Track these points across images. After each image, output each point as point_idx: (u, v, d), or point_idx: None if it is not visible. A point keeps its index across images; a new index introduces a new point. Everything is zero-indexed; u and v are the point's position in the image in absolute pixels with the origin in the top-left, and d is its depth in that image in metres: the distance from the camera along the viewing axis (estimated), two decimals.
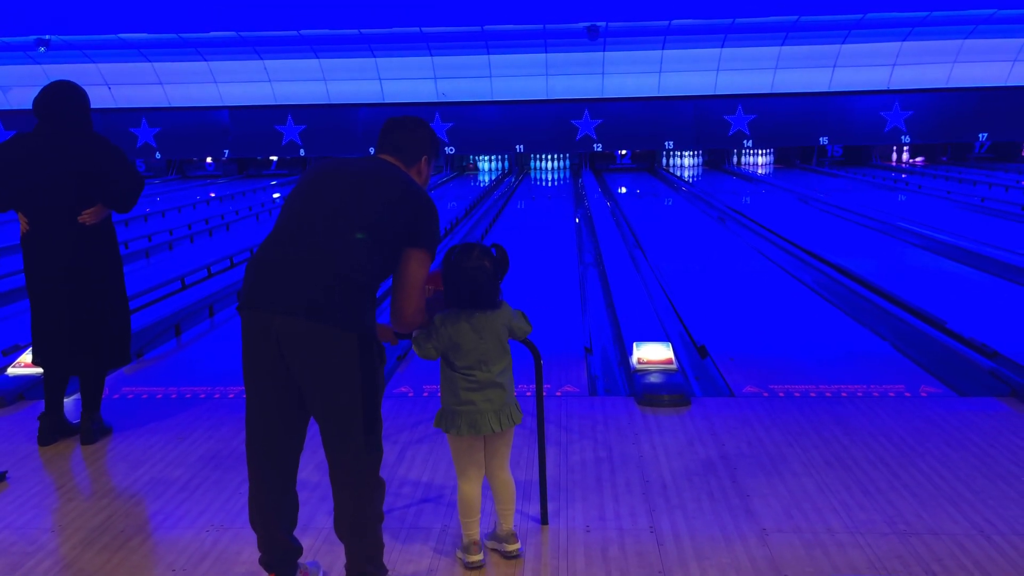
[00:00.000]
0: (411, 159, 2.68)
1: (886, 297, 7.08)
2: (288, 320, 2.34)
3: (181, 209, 15.43)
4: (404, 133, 2.68)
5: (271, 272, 2.40)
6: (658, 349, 5.02)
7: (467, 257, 2.70)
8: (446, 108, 20.71)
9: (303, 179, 2.58)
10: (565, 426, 4.17)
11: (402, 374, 5.20)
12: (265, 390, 2.44)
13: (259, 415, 2.48)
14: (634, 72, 19.89)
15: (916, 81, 19.74)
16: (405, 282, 2.51)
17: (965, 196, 14.60)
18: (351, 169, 2.56)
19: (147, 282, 8.03)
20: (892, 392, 4.67)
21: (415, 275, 2.52)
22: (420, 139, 2.70)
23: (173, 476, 3.64)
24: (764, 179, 19.82)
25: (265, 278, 2.40)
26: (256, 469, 2.51)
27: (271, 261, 2.41)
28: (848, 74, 19.66)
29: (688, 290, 7.82)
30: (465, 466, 2.83)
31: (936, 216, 12.23)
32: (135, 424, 4.28)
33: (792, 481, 3.45)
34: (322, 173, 2.56)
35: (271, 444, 2.49)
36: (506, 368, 2.79)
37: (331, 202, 2.46)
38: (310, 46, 18.96)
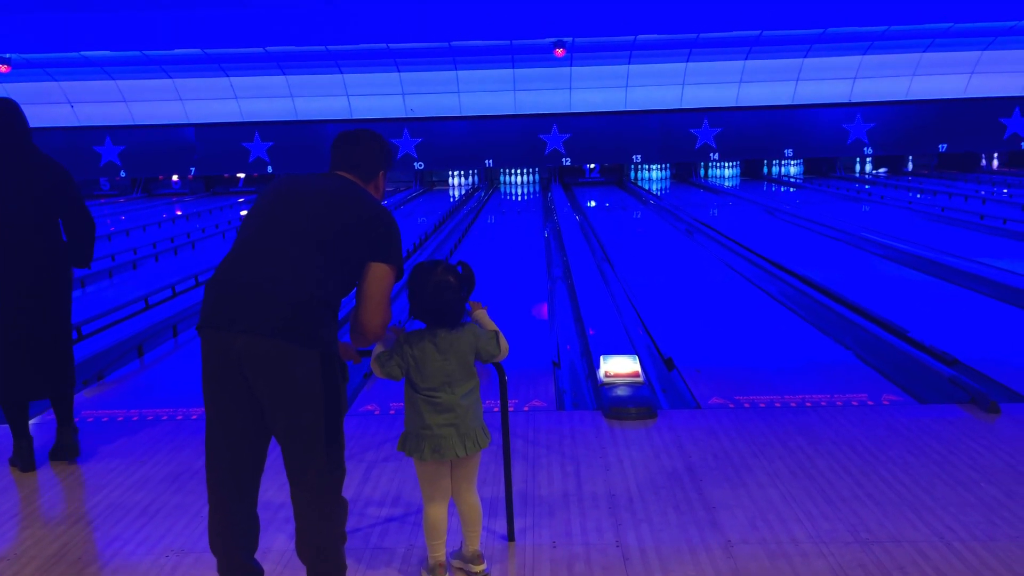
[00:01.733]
0: (368, 175, 2.67)
1: (849, 307, 7.17)
2: (249, 339, 2.32)
3: (146, 228, 15.24)
4: (359, 149, 2.67)
5: (231, 291, 2.37)
6: (625, 362, 5.03)
7: (431, 273, 2.69)
8: (415, 124, 20.71)
9: (261, 197, 2.56)
10: (533, 441, 4.16)
11: (368, 392, 5.17)
12: (226, 410, 2.41)
13: (220, 436, 2.44)
14: (601, 87, 20.05)
15: (877, 94, 20.12)
16: (367, 293, 2.50)
17: (926, 206, 14.87)
18: (309, 187, 2.55)
19: (110, 302, 7.91)
20: (855, 401, 4.72)
21: (377, 287, 2.50)
22: (375, 154, 2.69)
23: (133, 500, 3.57)
24: (731, 191, 20.03)
25: (225, 297, 2.38)
26: (216, 491, 2.47)
27: (231, 280, 2.39)
28: (811, 87, 19.98)
29: (656, 303, 7.86)
30: (430, 489, 2.80)
31: (898, 226, 12.44)
32: (95, 448, 4.20)
33: (757, 492, 3.47)
34: (280, 191, 2.54)
35: (232, 465, 2.45)
36: (472, 390, 2.75)
37: (290, 220, 2.44)
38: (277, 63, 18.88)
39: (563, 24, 17.30)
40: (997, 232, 11.51)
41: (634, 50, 18.58)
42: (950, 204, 14.80)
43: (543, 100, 20.34)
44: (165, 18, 16.51)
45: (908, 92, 20.06)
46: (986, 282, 7.87)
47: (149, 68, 18.88)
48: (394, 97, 20.16)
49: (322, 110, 20.21)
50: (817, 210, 14.85)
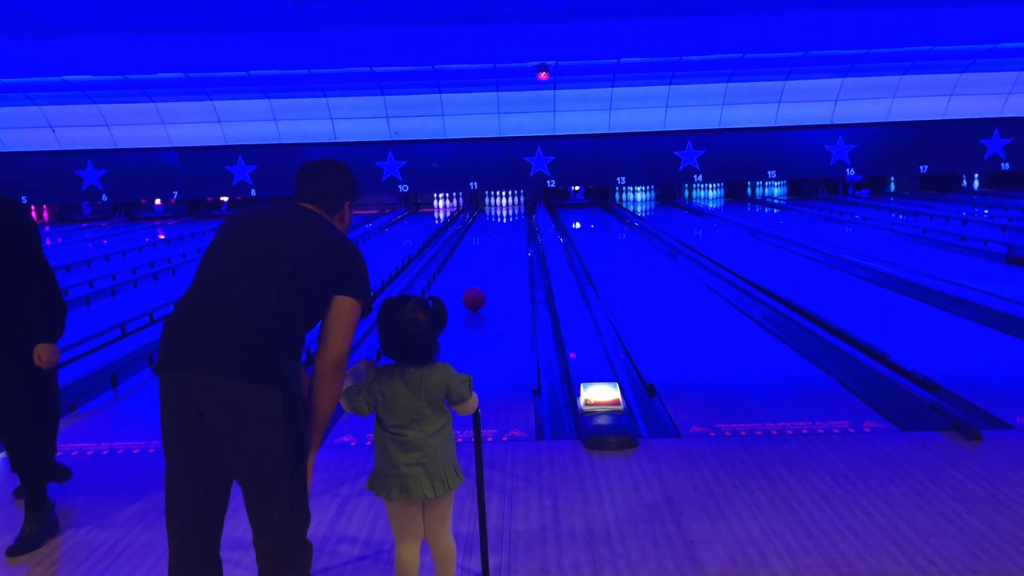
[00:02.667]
0: (333, 207, 2.63)
1: (831, 330, 7.16)
2: (208, 380, 2.26)
3: (127, 253, 15.12)
4: (324, 180, 2.63)
5: (189, 330, 2.32)
6: (605, 390, 4.99)
7: (401, 310, 2.63)
8: (399, 147, 20.72)
9: (221, 232, 2.51)
10: (511, 472, 4.10)
11: (345, 422, 5.09)
12: (185, 454, 2.35)
13: (179, 480, 2.38)
14: (585, 109, 20.14)
15: (858, 116, 20.31)
16: (330, 325, 2.44)
17: (908, 227, 14.96)
18: (271, 220, 2.50)
19: (86, 331, 7.79)
20: (837, 428, 4.69)
21: (342, 319, 2.45)
22: (341, 185, 2.65)
23: (100, 539, 3.48)
24: (715, 213, 20.11)
25: (183, 337, 2.32)
26: (176, 536, 2.40)
27: (189, 319, 2.33)
28: (793, 109, 20.15)
29: (638, 327, 7.83)
30: (401, 531, 2.73)
31: (880, 247, 12.49)
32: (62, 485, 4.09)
33: (737, 524, 3.42)
34: (240, 225, 2.49)
35: (192, 510, 2.39)
36: (442, 428, 2.68)
37: (251, 255, 2.39)
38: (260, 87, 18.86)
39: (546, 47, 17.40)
40: (977, 253, 11.57)
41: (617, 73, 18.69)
42: (932, 225, 14.90)
43: (527, 123, 20.41)
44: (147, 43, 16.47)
45: (889, 114, 20.27)
46: (967, 304, 7.89)
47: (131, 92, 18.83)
48: (378, 120, 20.18)
49: (306, 133, 20.20)
50: (800, 231, 14.91)
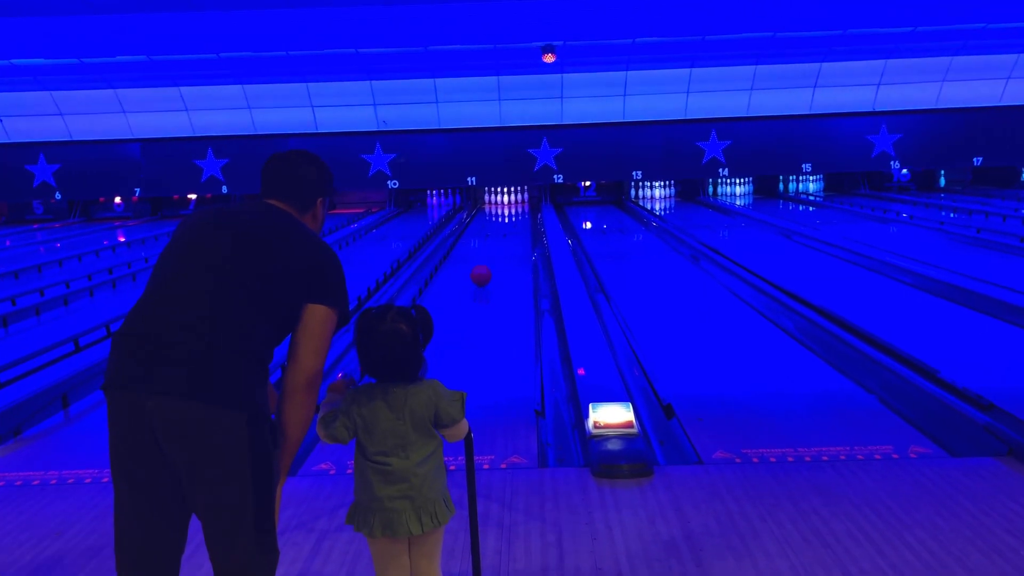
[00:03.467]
0: (304, 204, 2.62)
1: (873, 343, 7.13)
2: (162, 400, 2.25)
3: (82, 257, 15.14)
4: (294, 174, 2.62)
5: (141, 345, 2.30)
6: (617, 411, 4.97)
7: (380, 321, 2.61)
8: (388, 138, 20.76)
9: (177, 233, 2.50)
10: (510, 504, 4.09)
11: (322, 447, 5.07)
12: (137, 483, 2.33)
13: (130, 513, 2.36)
14: (596, 96, 20.17)
15: (903, 102, 20.31)
16: (302, 336, 2.43)
17: (959, 227, 14.94)
18: (234, 220, 2.49)
19: (34, 344, 7.77)
20: (878, 454, 4.66)
21: (316, 329, 2.43)
22: (313, 180, 2.64)
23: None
24: (742, 211, 20.11)
25: (134, 352, 2.31)
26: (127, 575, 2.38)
27: (140, 333, 2.32)
28: (830, 95, 20.15)
29: (655, 340, 7.81)
30: (385, 570, 2.71)
31: (929, 249, 12.47)
32: (3, 518, 4.09)
33: (765, 564, 3.40)
34: (199, 225, 2.48)
35: (145, 548, 2.37)
36: (431, 456, 2.65)
37: (210, 260, 2.38)
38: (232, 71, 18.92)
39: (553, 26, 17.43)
40: None
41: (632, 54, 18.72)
42: (986, 224, 14.87)
43: (532, 111, 20.44)
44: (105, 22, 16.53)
45: (938, 100, 20.27)
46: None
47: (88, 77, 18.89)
48: (365, 108, 20.23)
49: (284, 123, 20.25)
50: (838, 232, 14.90)
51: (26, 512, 4.16)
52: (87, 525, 3.99)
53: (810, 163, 21.08)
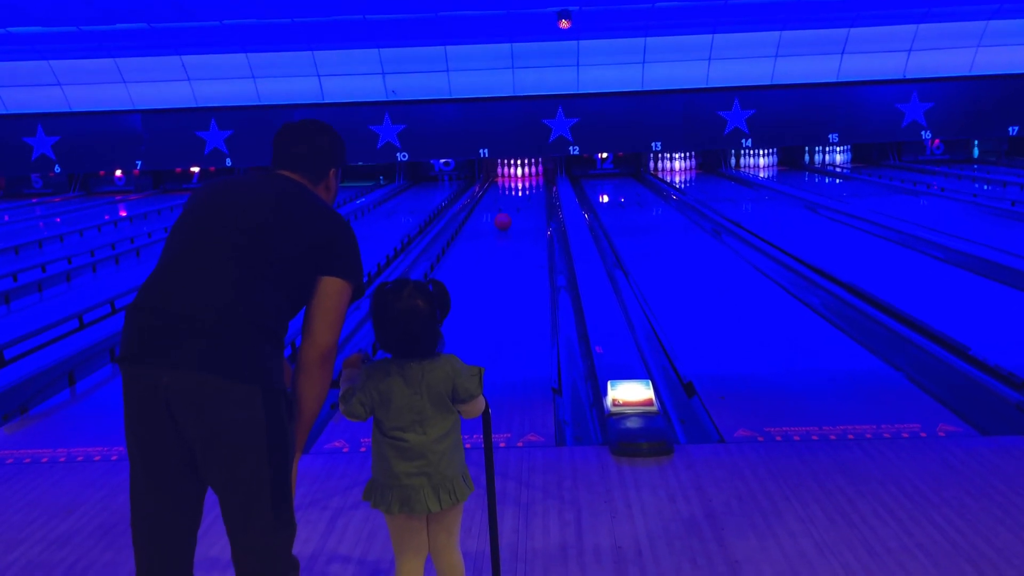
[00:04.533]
0: (317, 174, 2.66)
1: (902, 320, 7.17)
2: (177, 374, 2.30)
3: (84, 232, 15.28)
4: (306, 144, 2.65)
5: (155, 318, 2.36)
6: (637, 389, 5.02)
7: (397, 296, 2.65)
8: (397, 108, 20.75)
9: (189, 205, 2.55)
10: (527, 483, 4.15)
11: (336, 425, 5.16)
12: (152, 457, 2.40)
13: (145, 488, 2.43)
14: (614, 63, 20.07)
15: (936, 68, 20.12)
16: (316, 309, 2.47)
17: (994, 199, 14.87)
18: (247, 190, 2.53)
19: (38, 321, 7.90)
20: (906, 432, 4.70)
21: (330, 302, 2.48)
22: (326, 150, 2.68)
23: (56, 558, 3.56)
24: (766, 184, 20.06)
25: (149, 326, 2.36)
26: (144, 554, 2.46)
27: (155, 305, 2.37)
28: (859, 61, 19.99)
29: (675, 316, 7.86)
30: (403, 547, 2.77)
31: (961, 223, 12.43)
32: (13, 495, 4.18)
33: (788, 543, 3.45)
34: (211, 197, 2.53)
35: (160, 522, 2.44)
36: (450, 431, 2.70)
37: (224, 232, 2.42)
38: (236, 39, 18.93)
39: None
40: None
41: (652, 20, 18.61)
42: (1022, 197, 14.79)
43: (546, 79, 20.37)
44: None
45: (972, 66, 20.07)
46: None
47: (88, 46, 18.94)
48: (373, 77, 20.21)
49: (289, 93, 20.26)
50: (867, 205, 14.86)
51: (36, 489, 4.26)
52: (98, 503, 4.08)
53: (837, 133, 20.95)
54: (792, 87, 20.43)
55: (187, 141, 21.08)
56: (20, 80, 20.04)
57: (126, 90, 20.38)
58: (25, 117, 20.81)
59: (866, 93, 20.59)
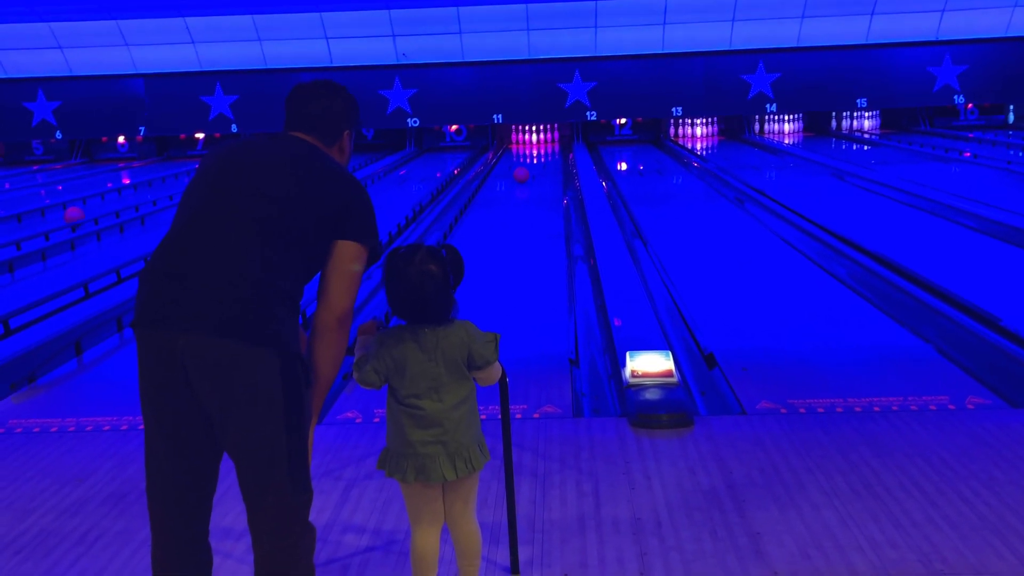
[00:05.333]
0: (331, 136, 2.69)
1: (931, 291, 7.18)
2: (192, 338, 2.35)
3: (87, 200, 15.37)
4: (320, 105, 2.68)
5: (170, 282, 2.40)
6: (656, 359, 5.06)
7: (410, 261, 2.69)
8: (408, 72, 20.71)
9: (202, 167, 2.58)
10: (544, 454, 4.20)
11: (348, 396, 5.22)
12: (167, 421, 2.45)
13: (161, 453, 2.48)
14: (633, 24, 19.94)
15: (970, 30, 19.91)
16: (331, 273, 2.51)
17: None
18: (261, 153, 2.57)
19: (43, 290, 8.00)
20: (933, 404, 4.73)
21: (345, 267, 2.52)
22: (339, 111, 2.70)
23: (68, 527, 3.64)
24: (791, 150, 19.96)
25: (164, 289, 2.40)
26: (159, 518, 2.52)
27: (169, 269, 2.42)
28: (889, 23, 19.79)
29: (696, 287, 7.88)
30: (419, 516, 2.83)
31: (994, 191, 12.36)
32: (24, 465, 4.27)
33: (811, 515, 3.50)
34: (225, 159, 2.56)
35: (176, 488, 2.49)
36: (465, 399, 2.74)
37: (237, 194, 2.46)
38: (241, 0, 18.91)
39: None
40: None
41: None
42: None
43: (563, 41, 20.27)
44: None
45: (1008, 27, 19.84)
46: None
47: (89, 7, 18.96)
48: (383, 40, 20.16)
49: (296, 56, 20.24)
50: (896, 172, 14.78)
51: (46, 459, 4.34)
52: (108, 472, 4.16)
53: (866, 98, 20.80)
54: (819, 49, 20.25)
55: (191, 106, 21.11)
56: (20, 43, 20.09)
57: (128, 53, 20.40)
58: (25, 81, 20.88)
59: (896, 56, 20.40)
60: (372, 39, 20.10)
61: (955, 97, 20.62)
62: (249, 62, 20.54)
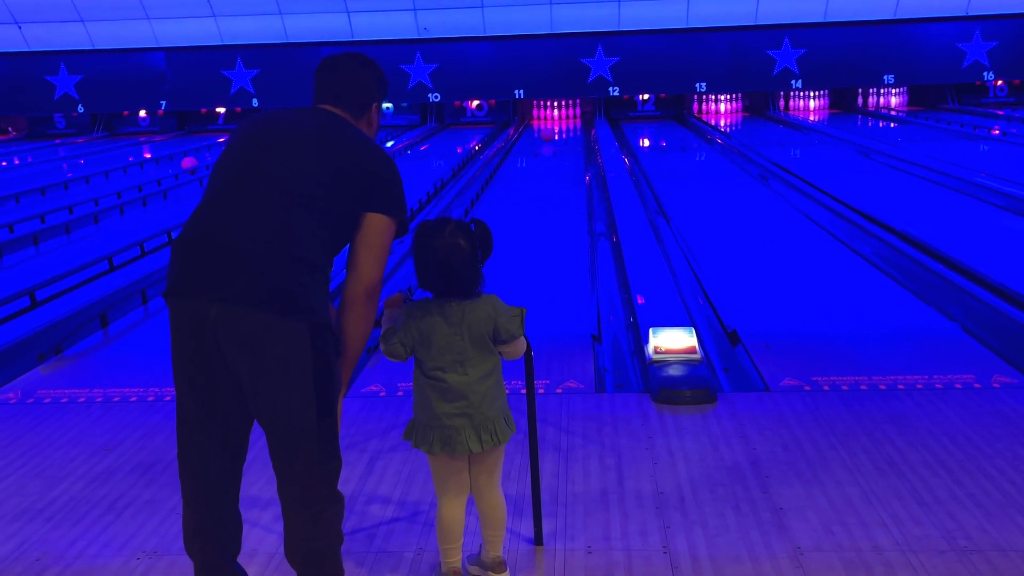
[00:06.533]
0: (359, 109, 2.71)
1: (957, 269, 7.15)
2: (225, 309, 2.39)
3: (109, 174, 15.49)
4: (348, 77, 2.70)
5: (203, 252, 2.44)
6: (679, 336, 5.08)
7: (439, 234, 2.72)
8: (429, 46, 20.68)
9: (233, 139, 2.62)
10: (567, 429, 4.24)
11: (372, 369, 5.27)
12: (199, 390, 2.50)
13: (192, 420, 2.53)
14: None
15: (1001, 4, 19.65)
16: (360, 246, 2.54)
17: None
18: (290, 125, 2.60)
19: (68, 263, 8.10)
20: (959, 383, 4.73)
21: (375, 239, 2.55)
22: (367, 83, 2.73)
23: (98, 495, 3.71)
24: (817, 127, 19.81)
25: (196, 260, 2.45)
26: (190, 485, 2.57)
27: (202, 239, 2.46)
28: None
29: (720, 264, 7.88)
30: (444, 486, 2.87)
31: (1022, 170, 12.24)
32: (53, 434, 4.35)
33: (834, 491, 3.52)
34: (255, 131, 2.59)
35: (207, 455, 2.54)
36: (491, 372, 2.78)
37: (268, 166, 2.49)
38: None
39: None
40: None
41: None
42: None
43: (586, 15, 20.17)
44: None
45: None
46: None
47: None
48: (404, 14, 20.12)
49: (317, 30, 20.24)
50: (923, 150, 14.66)
51: (74, 428, 4.42)
52: (136, 442, 4.23)
53: (893, 74, 20.60)
54: (846, 24, 20.06)
55: (212, 80, 21.18)
56: (42, 16, 20.18)
57: (150, 27, 20.46)
58: (47, 55, 20.99)
59: (924, 31, 20.18)
60: (393, 13, 20.06)
61: (984, 74, 20.38)
62: (270, 36, 20.56)
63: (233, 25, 20.43)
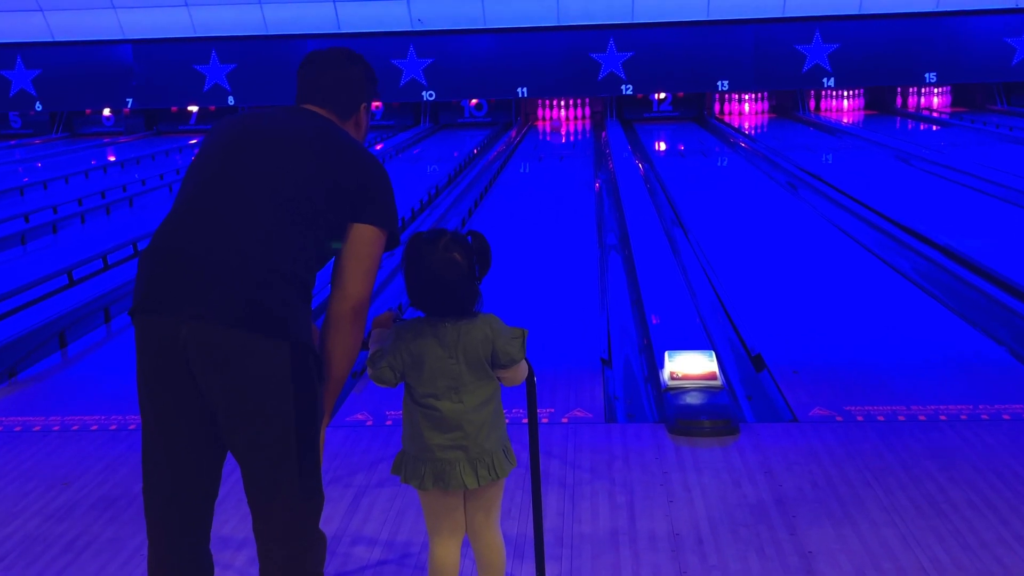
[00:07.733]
0: (346, 109, 2.73)
1: (1005, 287, 7.16)
2: (197, 327, 2.40)
3: (69, 179, 15.52)
4: (335, 75, 2.72)
5: (173, 265, 2.45)
6: (698, 360, 5.09)
7: (432, 247, 2.72)
8: (423, 39, 20.76)
9: (209, 140, 2.63)
10: (573, 462, 4.25)
11: (358, 396, 5.28)
12: (167, 417, 2.50)
13: (160, 450, 2.54)
14: None
15: None
16: (347, 259, 2.55)
17: None
18: (271, 127, 2.61)
19: (22, 277, 8.13)
20: (1007, 414, 4.74)
21: (361, 253, 2.56)
22: (355, 81, 2.75)
23: (55, 533, 3.72)
24: (851, 130, 19.87)
25: (165, 273, 2.46)
26: (156, 523, 2.57)
27: (172, 250, 2.47)
28: None
29: (743, 281, 7.89)
30: (437, 526, 2.86)
31: None
32: (5, 466, 4.35)
33: (869, 533, 3.53)
34: (233, 133, 2.61)
35: (176, 490, 2.55)
36: (488, 400, 2.77)
37: (247, 172, 2.50)
38: None
39: None
40: None
41: None
42: None
43: (596, 6, 20.27)
44: None
45: None
46: None
47: None
48: (396, 4, 20.22)
49: (300, 21, 20.32)
50: (968, 156, 14.70)
51: (29, 460, 4.43)
52: (98, 475, 4.24)
53: (935, 72, 20.66)
54: (883, 17, 20.14)
55: (184, 76, 21.25)
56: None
57: (116, 17, 20.55)
58: (2, 47, 21.06)
59: (970, 25, 20.26)
60: (384, 2, 20.16)
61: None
62: (248, 27, 20.63)
63: (207, 15, 20.50)
